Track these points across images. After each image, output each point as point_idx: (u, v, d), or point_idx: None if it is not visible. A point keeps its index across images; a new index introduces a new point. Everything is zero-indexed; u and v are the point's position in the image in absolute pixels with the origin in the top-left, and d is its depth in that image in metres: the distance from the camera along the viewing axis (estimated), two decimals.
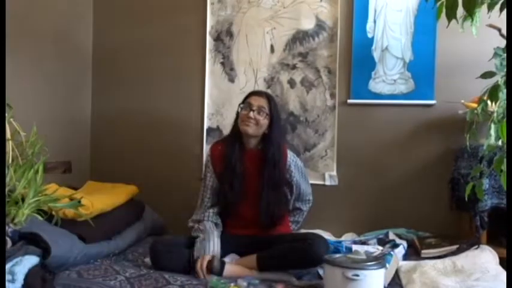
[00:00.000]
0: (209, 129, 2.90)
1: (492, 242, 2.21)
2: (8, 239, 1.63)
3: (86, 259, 2.01)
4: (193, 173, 2.84)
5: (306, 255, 1.99)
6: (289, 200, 2.34)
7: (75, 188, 2.45)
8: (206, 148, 2.84)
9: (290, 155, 2.32)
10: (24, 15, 2.38)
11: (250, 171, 2.24)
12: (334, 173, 2.73)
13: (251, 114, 2.20)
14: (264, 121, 2.21)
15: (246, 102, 2.26)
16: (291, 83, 2.79)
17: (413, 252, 2.27)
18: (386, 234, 2.46)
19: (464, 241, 2.25)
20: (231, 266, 2.04)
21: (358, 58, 2.69)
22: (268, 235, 2.21)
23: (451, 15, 1.70)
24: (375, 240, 2.37)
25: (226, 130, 2.79)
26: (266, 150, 2.23)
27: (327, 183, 2.73)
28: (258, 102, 2.23)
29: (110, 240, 2.21)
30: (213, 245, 2.10)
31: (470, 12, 1.68)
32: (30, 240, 1.79)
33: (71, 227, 2.00)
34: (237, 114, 2.29)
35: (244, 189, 2.22)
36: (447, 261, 2.06)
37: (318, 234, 2.20)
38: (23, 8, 2.37)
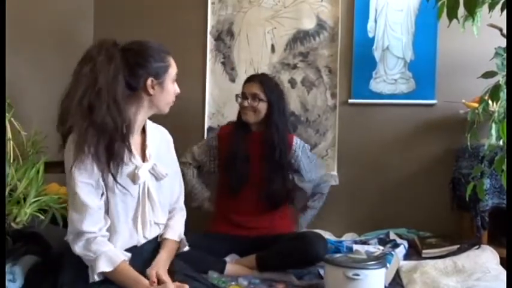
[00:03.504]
0: (210, 129, 2.89)
1: (493, 242, 2.21)
2: (8, 238, 1.63)
3: None
4: None
5: (305, 254, 1.99)
6: (289, 183, 2.30)
7: None
8: None
9: (296, 140, 2.35)
10: (24, 15, 2.38)
11: (254, 154, 2.26)
12: (335, 172, 2.72)
13: (245, 103, 2.24)
14: (260, 106, 2.23)
15: (242, 91, 2.30)
16: (292, 82, 2.79)
17: (414, 252, 2.27)
18: (387, 234, 2.46)
19: (465, 241, 2.25)
20: (232, 265, 2.05)
21: (359, 58, 2.69)
22: (268, 235, 2.20)
23: (452, 15, 1.70)
24: (375, 240, 2.37)
25: None
26: (267, 133, 2.24)
27: None
28: (250, 89, 2.26)
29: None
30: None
31: (471, 12, 1.68)
32: (31, 240, 1.79)
33: None
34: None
35: (248, 172, 2.24)
36: (448, 261, 2.06)
37: (317, 233, 2.20)
38: (24, 7, 2.37)
